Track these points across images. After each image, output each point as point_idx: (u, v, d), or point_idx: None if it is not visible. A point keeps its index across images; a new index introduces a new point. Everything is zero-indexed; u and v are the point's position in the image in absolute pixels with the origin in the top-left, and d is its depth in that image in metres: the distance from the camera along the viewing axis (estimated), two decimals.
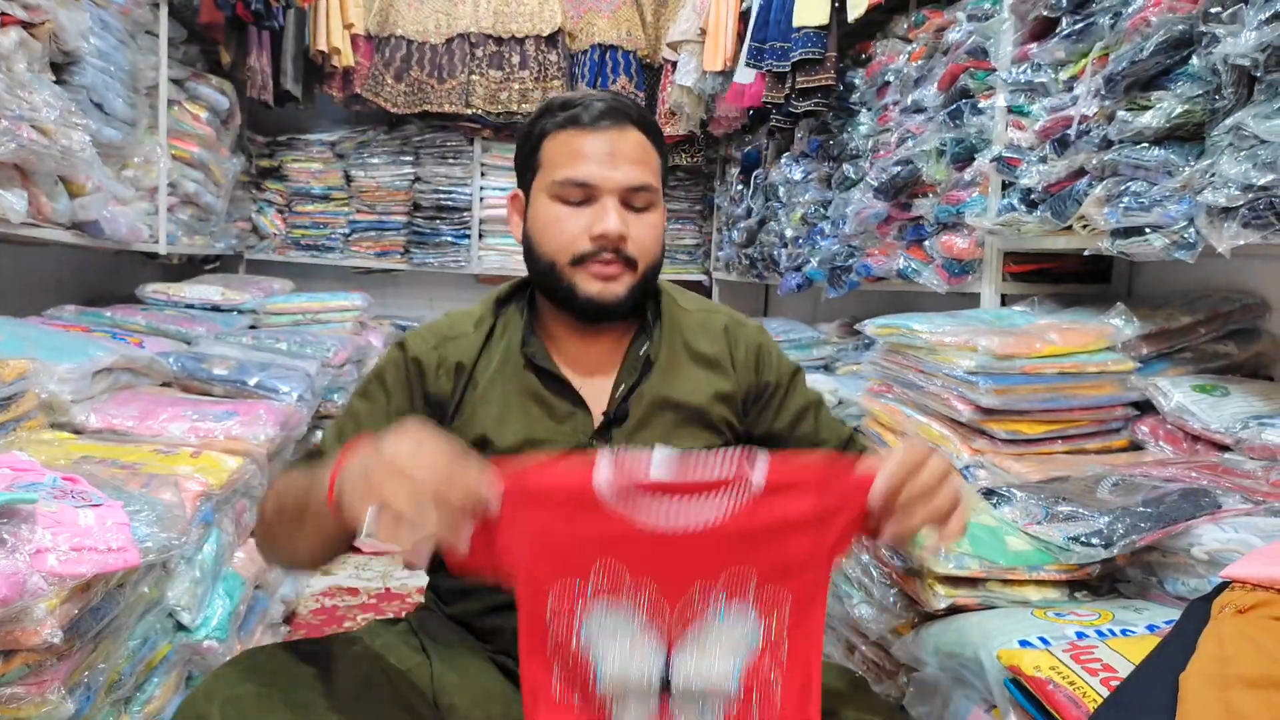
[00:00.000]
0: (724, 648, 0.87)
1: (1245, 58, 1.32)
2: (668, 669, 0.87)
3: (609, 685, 0.87)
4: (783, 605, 0.88)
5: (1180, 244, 1.48)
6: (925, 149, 2.36)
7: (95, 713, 1.17)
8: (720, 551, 0.87)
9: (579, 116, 1.13)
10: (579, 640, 0.87)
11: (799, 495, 0.87)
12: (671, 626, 0.88)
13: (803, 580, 0.89)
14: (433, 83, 4.57)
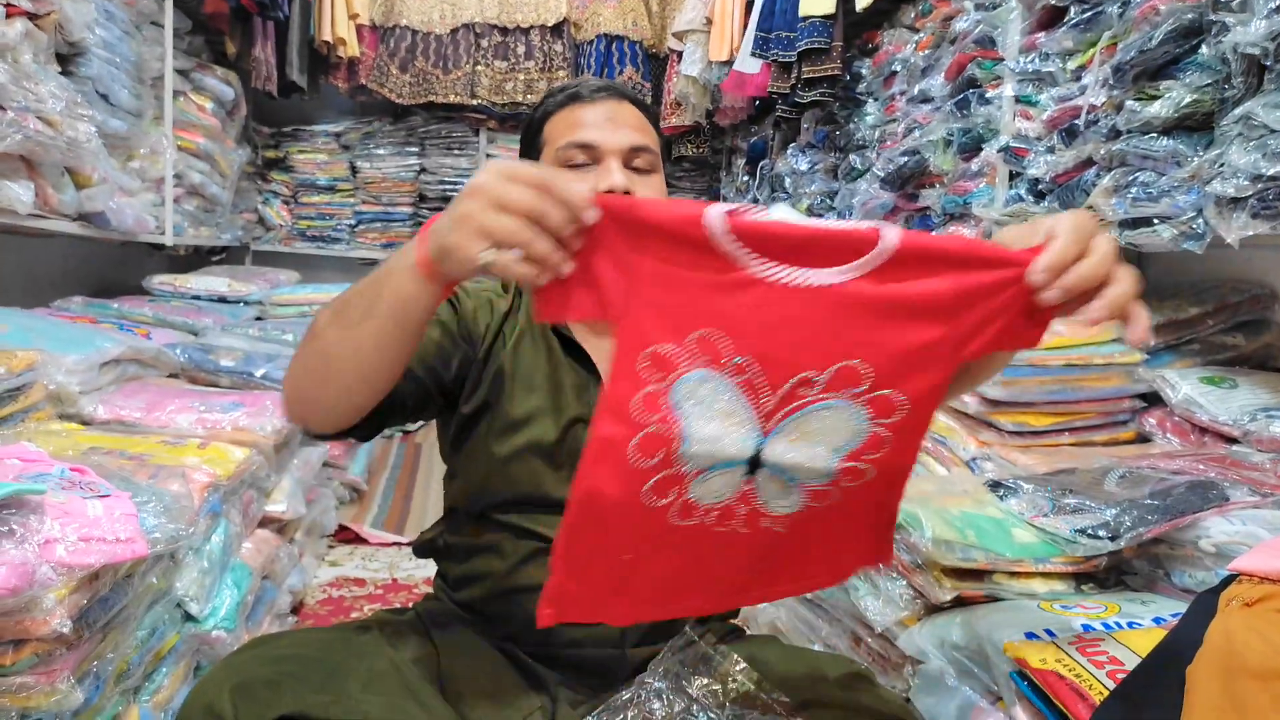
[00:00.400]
0: (825, 440, 0.80)
1: (1255, 46, 1.31)
2: (759, 450, 0.81)
3: (695, 454, 0.81)
4: (894, 411, 0.80)
5: (1188, 235, 1.47)
6: (932, 139, 2.35)
7: (104, 702, 1.18)
8: (834, 334, 0.77)
9: (578, 93, 1.18)
10: (668, 402, 0.80)
11: (935, 270, 0.76)
12: (769, 409, 0.80)
13: (921, 383, 0.79)
14: (438, 73, 4.57)
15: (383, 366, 0.94)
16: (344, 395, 0.96)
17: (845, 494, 0.85)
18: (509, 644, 1.14)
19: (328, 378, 0.95)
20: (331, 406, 0.97)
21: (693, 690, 0.99)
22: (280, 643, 1.09)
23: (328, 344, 0.94)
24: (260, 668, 0.99)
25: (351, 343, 0.92)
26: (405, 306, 0.87)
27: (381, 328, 0.89)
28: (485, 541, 1.15)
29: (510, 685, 1.10)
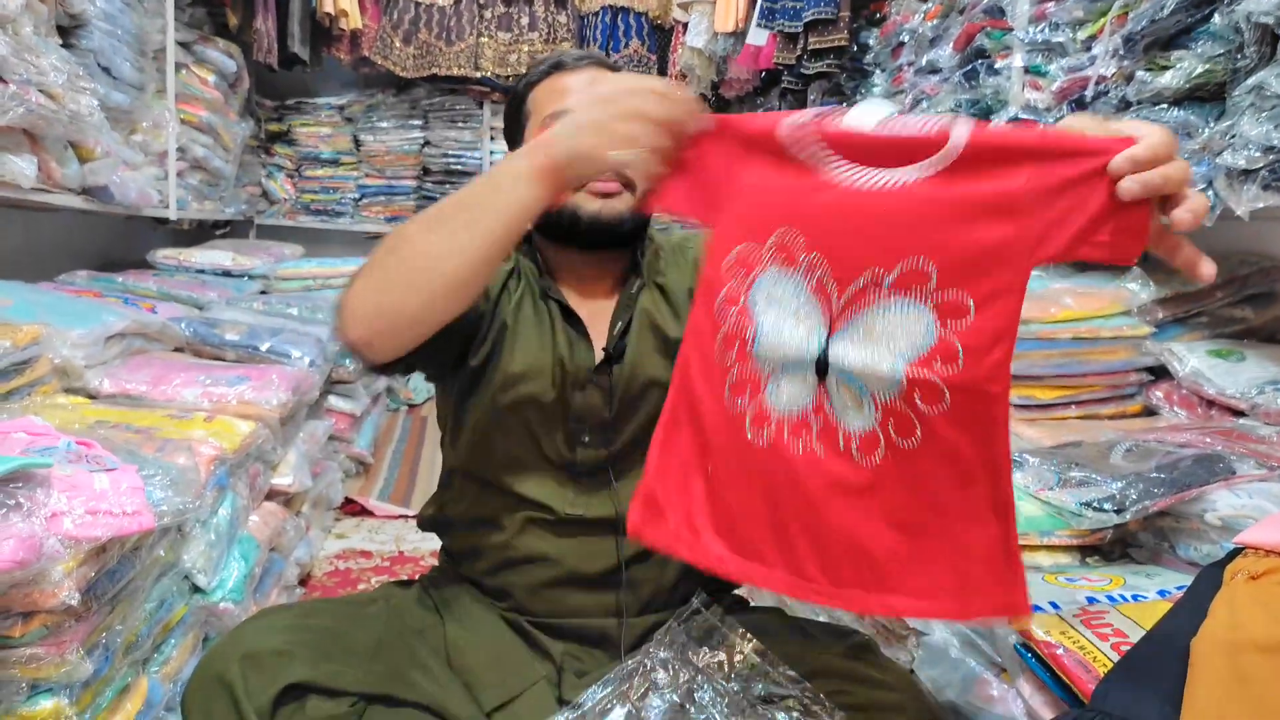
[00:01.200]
0: (889, 341, 0.79)
1: (1269, 15, 1.29)
2: (825, 351, 0.82)
3: (766, 352, 0.84)
4: (963, 313, 0.77)
5: None
6: (940, 111, 2.33)
7: (113, 673, 1.19)
8: (902, 233, 0.77)
9: (561, 61, 1.20)
10: (746, 300, 0.84)
11: (1009, 164, 0.74)
12: (837, 308, 0.81)
13: (989, 284, 0.76)
14: (441, 45, 4.53)
15: (480, 273, 0.94)
16: (431, 304, 0.95)
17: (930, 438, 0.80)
18: (514, 614, 1.15)
19: (419, 285, 0.93)
20: (413, 317, 0.96)
21: (698, 661, 0.99)
22: (288, 613, 1.10)
23: (423, 250, 0.93)
24: (269, 638, 1.00)
25: (453, 248, 0.92)
26: (515, 210, 0.91)
27: (489, 231, 0.91)
28: (484, 513, 1.16)
29: (515, 655, 1.11)
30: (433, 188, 4.79)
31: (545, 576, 1.13)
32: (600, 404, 1.12)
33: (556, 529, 1.12)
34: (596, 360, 1.14)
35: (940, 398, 0.79)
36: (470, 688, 1.07)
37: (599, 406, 1.12)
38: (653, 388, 1.12)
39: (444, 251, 0.92)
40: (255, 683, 0.95)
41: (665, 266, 1.21)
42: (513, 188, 0.90)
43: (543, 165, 0.89)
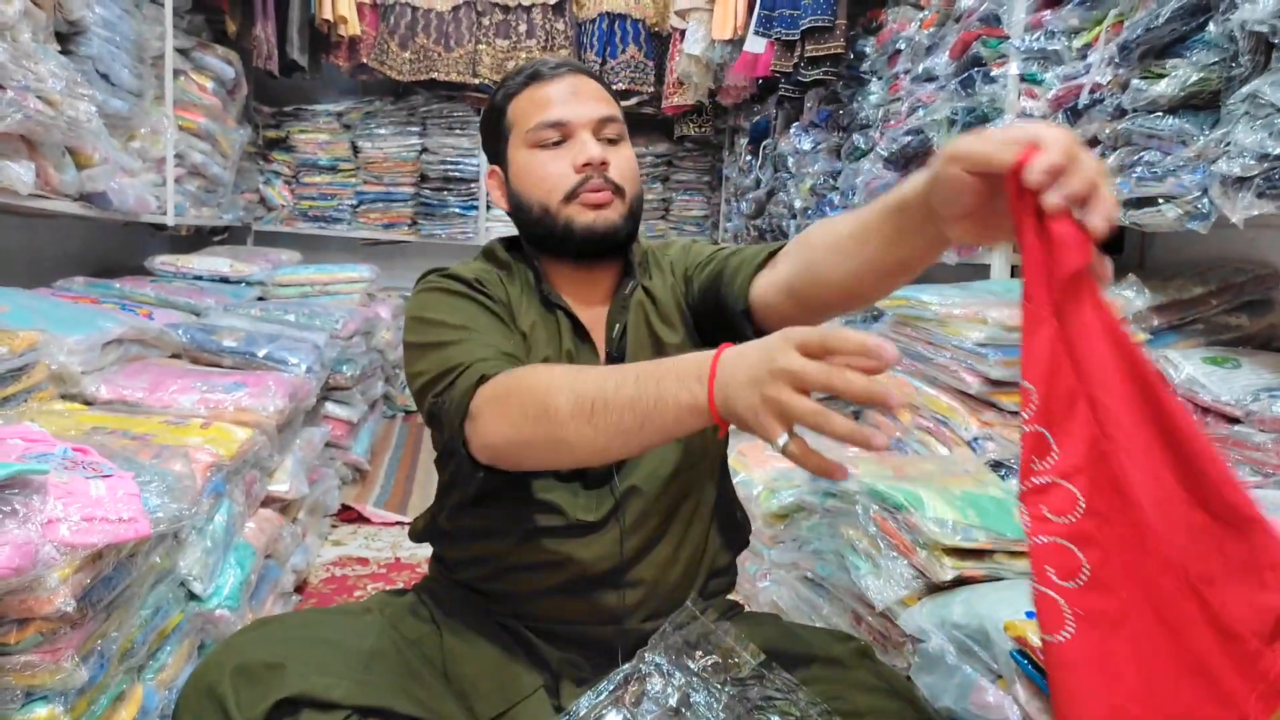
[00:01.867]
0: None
1: (1263, 24, 1.30)
2: None
3: None
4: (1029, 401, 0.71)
5: (1194, 214, 1.46)
6: (936, 118, 2.34)
7: (109, 680, 1.18)
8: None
9: (538, 72, 1.18)
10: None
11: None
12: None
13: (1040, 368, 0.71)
14: (439, 50, 4.54)
15: (626, 453, 0.95)
16: (577, 461, 1.01)
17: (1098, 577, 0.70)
18: (512, 620, 1.14)
19: (561, 457, 0.97)
20: (536, 467, 1.05)
21: (694, 666, 0.99)
22: (281, 624, 1.09)
23: (574, 436, 0.90)
24: (261, 650, 1.00)
25: (605, 444, 0.89)
26: (676, 431, 0.86)
27: (646, 441, 0.88)
28: (484, 525, 1.15)
29: (512, 663, 1.11)
30: (430, 194, 4.79)
31: (549, 582, 1.13)
32: None
33: (563, 533, 1.12)
34: (600, 363, 1.15)
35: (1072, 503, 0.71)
36: (466, 698, 1.06)
37: None
38: None
39: (594, 417, 0.88)
40: (247, 696, 0.94)
41: (651, 271, 1.21)
42: (682, 415, 0.83)
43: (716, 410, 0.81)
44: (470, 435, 0.99)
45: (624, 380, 0.87)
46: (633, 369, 0.88)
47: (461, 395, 0.99)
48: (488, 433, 0.97)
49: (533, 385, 0.93)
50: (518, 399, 0.94)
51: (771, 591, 1.83)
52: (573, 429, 0.89)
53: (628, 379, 0.87)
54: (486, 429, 0.97)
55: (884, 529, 1.46)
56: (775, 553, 1.83)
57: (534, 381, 0.94)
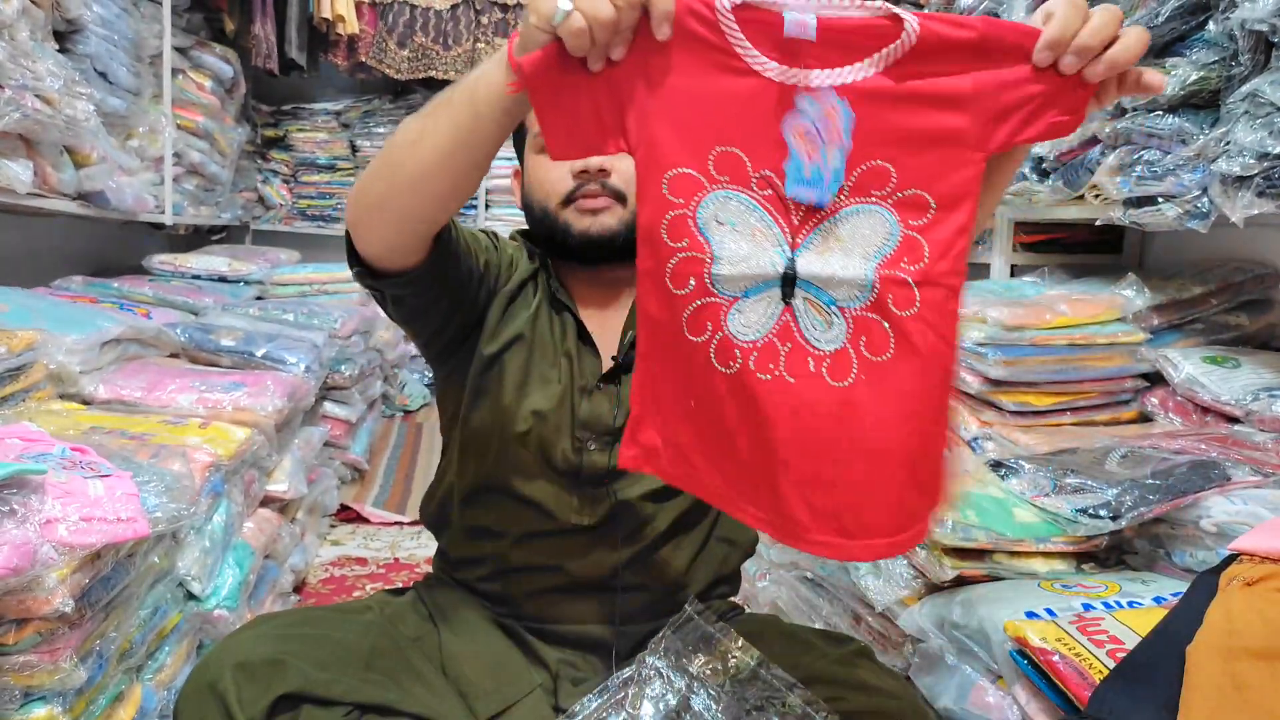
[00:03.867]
0: (855, 245, 0.77)
1: (1264, 23, 1.30)
2: (792, 265, 0.79)
3: (726, 275, 0.79)
4: (923, 210, 0.76)
5: (1193, 213, 1.46)
6: None
7: (107, 680, 1.18)
8: (854, 135, 0.75)
9: None
10: (694, 226, 0.79)
11: (954, 59, 0.73)
12: (797, 221, 0.78)
13: (948, 183, 0.76)
14: (438, 49, 4.54)
15: (446, 166, 0.92)
16: (396, 190, 0.95)
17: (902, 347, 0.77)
18: (510, 620, 1.14)
19: (391, 167, 0.95)
20: (399, 209, 0.97)
21: (693, 668, 0.99)
22: (282, 621, 1.09)
23: (400, 138, 0.94)
24: (262, 647, 1.00)
25: (424, 132, 0.91)
26: (484, 97, 0.85)
27: (457, 119, 0.88)
28: (484, 522, 1.16)
29: (511, 663, 1.11)
30: None
31: (544, 583, 1.13)
32: (607, 412, 1.13)
33: (557, 537, 1.12)
34: (604, 368, 1.14)
35: (911, 299, 0.77)
36: (465, 697, 1.06)
37: (606, 415, 1.13)
38: None
39: (416, 137, 0.92)
40: (248, 693, 0.95)
41: None
42: (484, 71, 0.86)
43: (511, 51, 0.81)
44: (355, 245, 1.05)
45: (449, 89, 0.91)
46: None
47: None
48: (351, 201, 1.01)
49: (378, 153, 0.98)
50: (369, 168, 0.99)
51: (771, 591, 1.83)
52: (400, 133, 0.94)
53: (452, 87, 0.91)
54: (354, 218, 1.02)
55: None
56: (775, 553, 1.83)
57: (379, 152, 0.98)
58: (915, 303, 0.77)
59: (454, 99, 0.89)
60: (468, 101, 0.87)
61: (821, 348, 0.79)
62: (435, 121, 0.90)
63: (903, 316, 0.77)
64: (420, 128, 0.92)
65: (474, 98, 0.87)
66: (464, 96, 0.88)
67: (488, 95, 0.85)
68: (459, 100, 0.88)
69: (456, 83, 0.91)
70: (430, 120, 0.91)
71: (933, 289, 0.77)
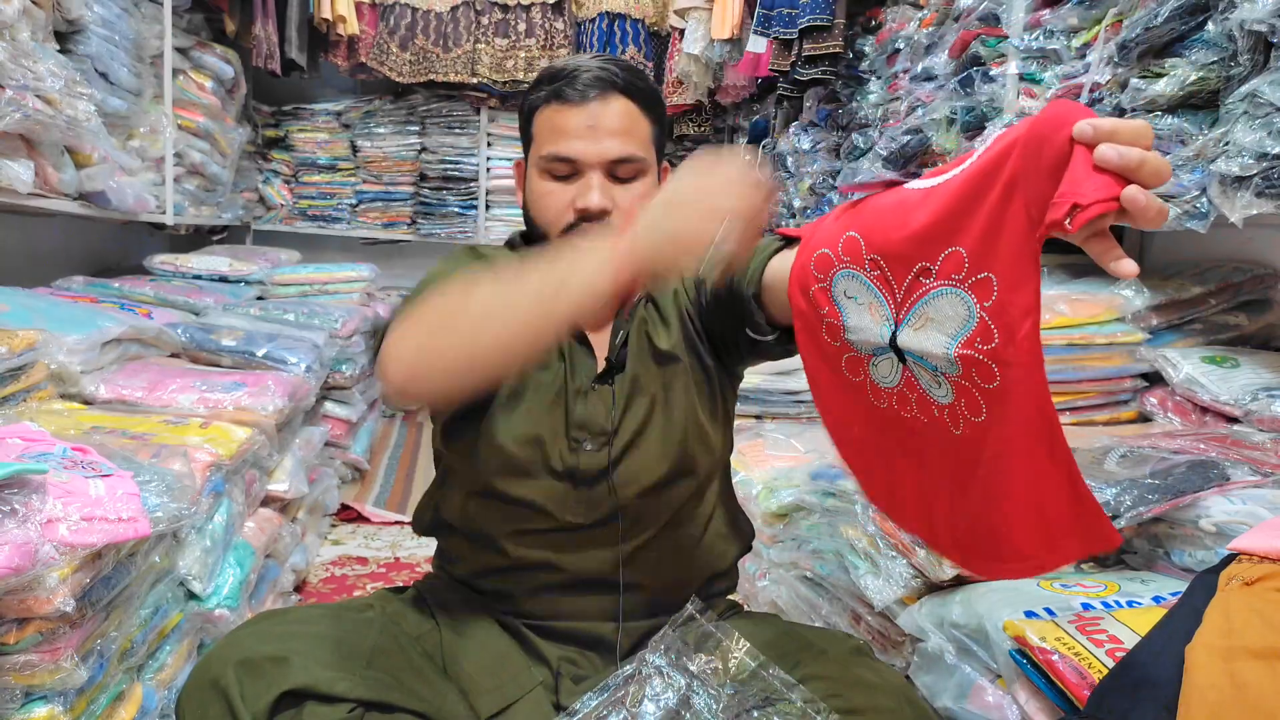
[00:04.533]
0: (941, 326, 0.86)
1: (1263, 23, 1.30)
2: (894, 338, 0.89)
3: (855, 340, 0.92)
4: (989, 293, 0.83)
5: (1192, 214, 1.46)
6: (935, 117, 2.34)
7: (108, 680, 1.18)
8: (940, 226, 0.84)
9: (563, 91, 1.13)
10: (831, 296, 0.93)
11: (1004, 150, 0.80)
12: (900, 299, 0.89)
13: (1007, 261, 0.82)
14: (438, 51, 4.54)
15: (529, 344, 0.92)
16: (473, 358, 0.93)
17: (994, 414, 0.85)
18: (511, 617, 1.15)
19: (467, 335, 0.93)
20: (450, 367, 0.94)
21: (694, 667, 0.99)
22: (285, 618, 1.09)
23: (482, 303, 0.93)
24: (265, 643, 1.00)
25: (513, 307, 0.90)
26: (584, 297, 0.87)
27: (553, 310, 0.89)
28: (482, 520, 1.16)
29: (512, 662, 1.11)
30: (429, 194, 4.79)
31: (544, 581, 1.14)
32: (602, 412, 1.13)
33: (555, 535, 1.13)
34: (598, 369, 1.15)
35: (992, 375, 0.85)
36: (467, 694, 1.06)
37: (601, 414, 1.13)
38: (649, 396, 1.13)
39: (501, 308, 0.91)
40: (251, 689, 0.95)
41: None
42: (588, 280, 0.87)
43: (620, 270, 0.86)
44: (383, 363, 0.97)
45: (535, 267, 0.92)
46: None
47: (391, 318, 1.01)
48: (397, 343, 0.96)
49: (450, 292, 0.96)
50: (434, 303, 0.96)
51: (771, 591, 1.83)
52: (481, 297, 0.93)
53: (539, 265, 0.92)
54: (395, 341, 0.97)
55: (883, 528, 1.46)
56: (774, 552, 1.83)
57: (451, 291, 0.96)
58: (995, 378, 0.84)
59: (543, 291, 0.89)
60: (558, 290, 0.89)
61: (940, 401, 0.89)
62: (527, 302, 0.90)
63: (989, 389, 0.85)
64: (502, 306, 0.91)
65: (571, 294, 0.88)
66: (553, 287, 0.89)
67: (591, 292, 0.88)
68: (549, 292, 0.89)
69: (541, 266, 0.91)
70: (519, 297, 0.90)
71: (1008, 367, 0.84)
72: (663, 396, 1.15)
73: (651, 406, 1.13)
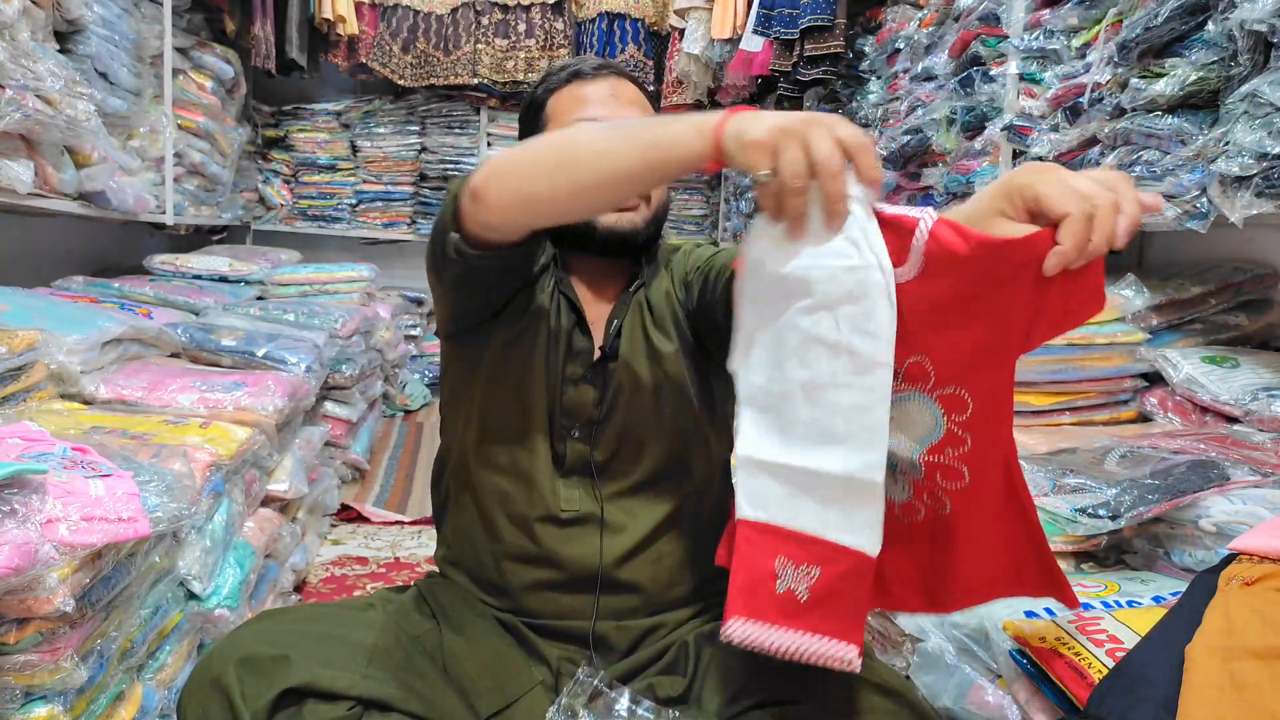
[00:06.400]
0: (907, 430, 0.86)
1: (1263, 23, 1.30)
2: None
3: None
4: (965, 408, 0.84)
5: (1192, 214, 1.46)
6: (935, 117, 2.34)
7: (108, 680, 1.18)
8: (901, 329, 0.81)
9: (580, 70, 1.21)
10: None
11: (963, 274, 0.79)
12: None
13: (983, 382, 0.83)
14: (439, 55, 4.54)
15: (620, 187, 0.96)
16: (580, 196, 0.96)
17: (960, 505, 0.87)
18: (510, 615, 1.15)
19: (578, 171, 0.95)
20: (557, 202, 0.98)
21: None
22: (285, 617, 1.10)
23: (592, 145, 0.95)
24: (266, 642, 1.00)
25: (616, 153, 0.93)
26: (677, 149, 0.89)
27: (647, 155, 0.91)
28: (478, 517, 1.18)
29: (512, 661, 1.11)
30: (429, 193, 4.79)
31: (539, 576, 1.14)
32: (591, 402, 1.15)
33: (543, 525, 1.14)
34: (595, 356, 1.15)
35: (959, 476, 0.86)
36: (466, 694, 1.07)
37: (590, 404, 1.14)
38: (639, 389, 1.14)
39: (603, 149, 0.94)
40: (252, 687, 0.95)
41: (659, 272, 1.22)
42: (686, 133, 0.89)
43: (717, 133, 0.86)
44: (469, 215, 1.01)
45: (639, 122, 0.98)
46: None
47: (458, 184, 1.03)
48: (497, 196, 0.99)
49: (543, 142, 1.01)
50: (529, 153, 0.99)
51: None
52: (589, 139, 0.96)
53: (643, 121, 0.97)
54: (494, 195, 0.99)
55: None
56: None
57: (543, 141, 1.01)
58: (965, 478, 0.86)
59: (646, 136, 0.92)
60: (659, 146, 0.91)
61: (895, 499, 0.90)
62: (625, 145, 0.93)
63: (954, 488, 0.87)
64: (608, 143, 0.94)
65: (666, 151, 0.90)
66: (655, 139, 0.91)
67: (681, 156, 0.89)
68: (650, 140, 0.91)
69: (650, 122, 0.96)
70: (621, 142, 0.93)
71: (980, 469, 0.86)
72: (655, 394, 1.16)
73: (643, 403, 1.15)
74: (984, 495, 0.87)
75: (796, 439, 0.83)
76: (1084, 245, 0.76)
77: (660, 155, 0.90)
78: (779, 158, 0.79)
